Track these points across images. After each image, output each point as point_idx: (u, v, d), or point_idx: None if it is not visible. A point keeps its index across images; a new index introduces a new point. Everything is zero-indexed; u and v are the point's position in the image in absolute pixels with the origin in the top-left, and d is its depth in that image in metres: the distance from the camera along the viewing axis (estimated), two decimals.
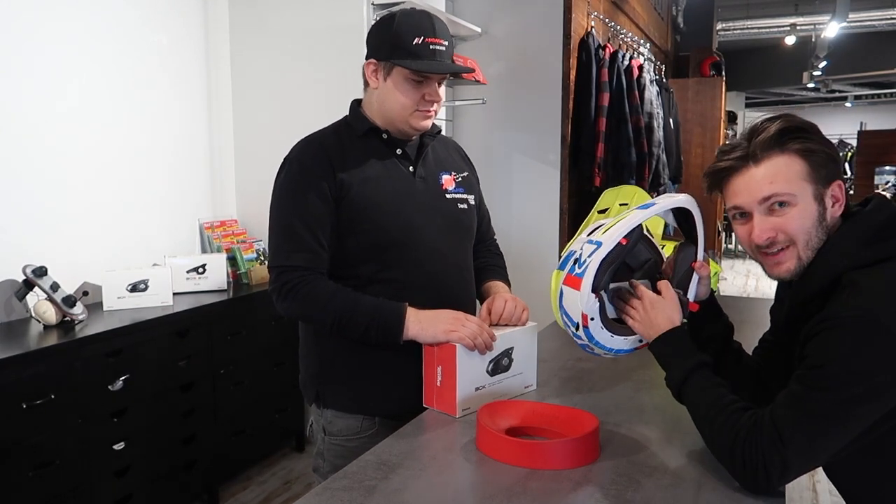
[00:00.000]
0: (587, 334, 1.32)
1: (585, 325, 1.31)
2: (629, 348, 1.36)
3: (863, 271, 1.10)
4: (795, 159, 1.15)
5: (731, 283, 8.29)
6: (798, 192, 1.14)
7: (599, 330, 1.32)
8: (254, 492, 3.04)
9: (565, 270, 1.35)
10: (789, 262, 1.17)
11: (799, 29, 10.75)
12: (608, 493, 1.14)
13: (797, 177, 1.14)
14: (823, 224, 1.16)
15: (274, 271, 1.54)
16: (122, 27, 2.91)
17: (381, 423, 1.60)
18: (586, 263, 1.30)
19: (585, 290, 1.29)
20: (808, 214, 1.15)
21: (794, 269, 1.18)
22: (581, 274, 1.30)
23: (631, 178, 3.95)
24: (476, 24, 3.76)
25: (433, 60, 1.51)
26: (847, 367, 1.04)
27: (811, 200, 1.15)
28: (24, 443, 2.08)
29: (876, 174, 8.86)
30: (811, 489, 3.12)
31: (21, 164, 2.54)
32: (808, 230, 1.15)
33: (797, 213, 1.15)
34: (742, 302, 2.73)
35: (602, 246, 1.30)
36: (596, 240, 1.31)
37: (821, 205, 1.16)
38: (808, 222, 1.15)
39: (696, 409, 1.21)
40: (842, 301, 1.08)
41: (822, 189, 1.16)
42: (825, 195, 1.16)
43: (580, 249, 1.34)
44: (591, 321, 1.31)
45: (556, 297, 1.36)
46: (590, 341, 1.33)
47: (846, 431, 1.06)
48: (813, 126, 1.17)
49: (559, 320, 1.39)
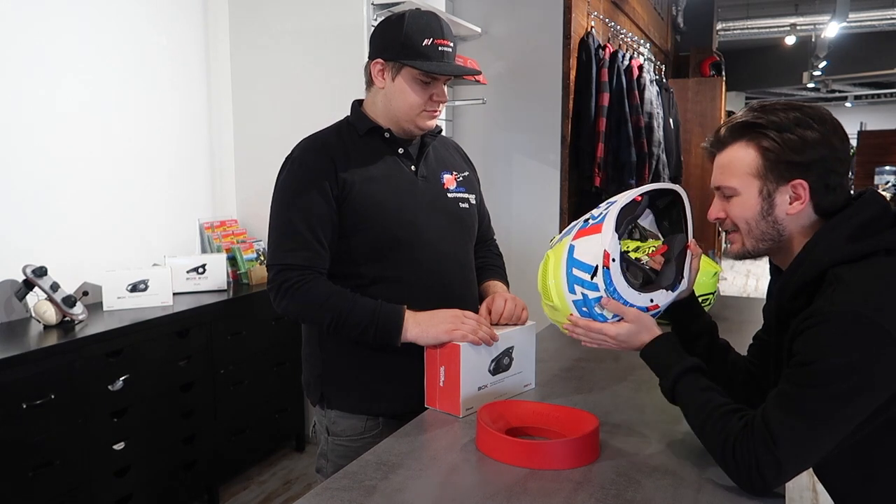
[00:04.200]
0: (606, 278, 1.28)
1: (606, 266, 1.28)
2: (642, 306, 1.32)
3: (848, 266, 1.10)
4: (750, 152, 1.18)
5: (731, 283, 8.29)
6: (741, 186, 1.19)
7: (619, 275, 1.29)
8: (254, 492, 3.04)
9: (572, 231, 1.35)
10: (737, 243, 1.26)
11: (799, 29, 10.76)
12: (608, 493, 1.14)
13: (745, 171, 1.19)
14: (769, 219, 1.19)
15: (273, 269, 1.54)
16: (122, 27, 2.91)
17: (384, 423, 1.60)
18: (603, 214, 1.31)
19: (609, 229, 1.29)
20: (749, 207, 1.20)
21: (739, 251, 1.26)
22: (601, 220, 1.31)
23: (631, 178, 3.96)
24: (476, 24, 3.76)
25: (442, 62, 1.52)
26: (835, 364, 1.04)
27: (755, 195, 1.19)
28: (24, 443, 2.08)
29: (876, 174, 8.86)
30: (811, 489, 3.12)
31: (21, 164, 2.54)
32: (747, 220, 1.21)
33: (738, 203, 1.21)
34: (742, 302, 2.73)
35: (618, 202, 1.33)
36: (607, 202, 1.34)
37: (766, 201, 1.18)
38: (748, 214, 1.20)
39: (689, 412, 1.22)
40: (827, 297, 1.08)
41: (773, 185, 1.17)
42: (776, 192, 1.17)
43: (587, 215, 1.36)
44: (612, 262, 1.28)
45: (559, 261, 1.33)
46: (606, 289, 1.29)
47: (837, 428, 1.06)
48: (782, 124, 1.15)
49: (557, 292, 1.33)
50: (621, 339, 1.32)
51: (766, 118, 1.17)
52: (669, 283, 1.35)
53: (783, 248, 1.22)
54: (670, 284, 1.35)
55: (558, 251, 1.35)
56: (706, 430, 1.16)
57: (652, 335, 1.31)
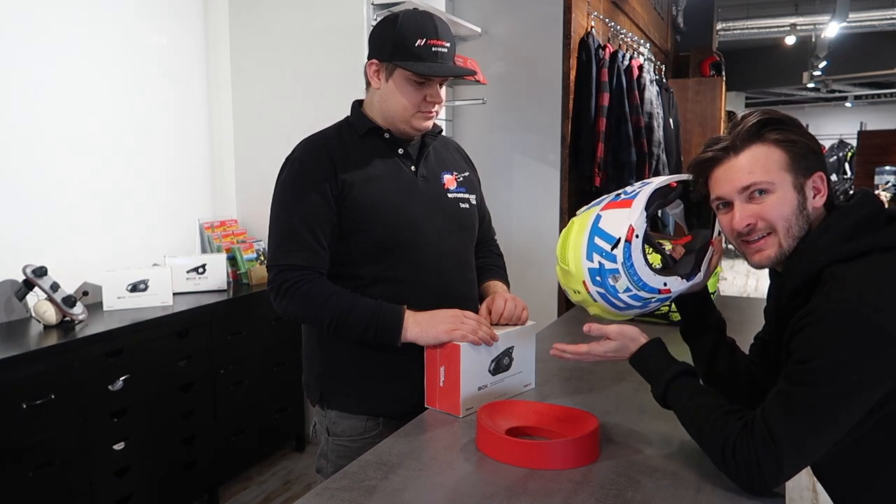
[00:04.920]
0: (626, 252, 1.28)
1: (629, 240, 1.27)
2: (654, 287, 1.31)
3: (845, 265, 1.11)
4: (774, 149, 1.17)
5: (731, 283, 8.29)
6: (777, 180, 1.16)
7: (639, 252, 1.28)
8: (254, 492, 3.04)
9: (603, 202, 1.34)
10: (770, 248, 1.19)
11: (799, 29, 10.76)
12: (608, 493, 1.14)
13: (776, 166, 1.16)
14: (804, 213, 1.17)
15: (273, 270, 1.54)
16: (122, 28, 2.91)
17: (384, 423, 1.60)
18: (636, 191, 1.31)
19: (639, 206, 1.28)
20: (787, 202, 1.16)
21: (774, 257, 1.19)
22: (632, 196, 1.31)
23: (631, 178, 3.95)
24: (476, 24, 3.76)
25: (435, 63, 1.51)
26: (832, 362, 1.04)
27: (790, 189, 1.16)
28: (24, 443, 2.08)
29: (876, 174, 8.86)
30: (811, 489, 3.12)
31: (21, 164, 2.54)
32: (787, 217, 1.16)
33: (776, 200, 1.16)
34: (742, 302, 2.73)
35: (653, 182, 1.33)
36: (643, 182, 1.34)
37: (800, 194, 1.17)
38: (787, 210, 1.16)
39: (684, 416, 1.22)
40: (824, 295, 1.08)
41: (803, 179, 1.17)
42: (805, 185, 1.17)
43: (621, 190, 1.36)
44: (635, 238, 1.27)
45: (584, 228, 1.32)
46: (624, 262, 1.28)
47: (836, 426, 1.07)
48: (793, 119, 1.19)
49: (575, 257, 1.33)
50: (610, 357, 1.34)
51: (778, 116, 1.18)
52: (686, 272, 1.35)
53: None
54: (687, 273, 1.34)
55: (584, 218, 1.35)
56: (704, 432, 1.17)
57: (638, 345, 1.32)
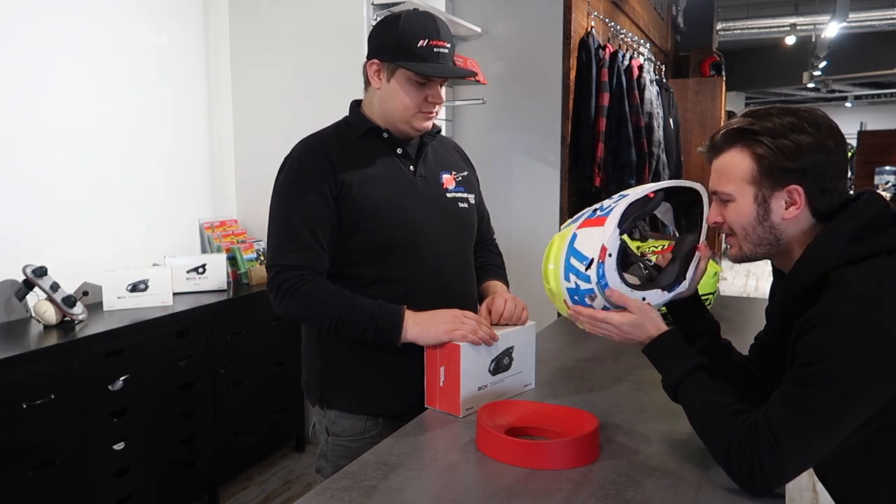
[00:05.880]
0: (599, 272, 1.29)
1: (601, 260, 1.28)
2: None
3: (850, 268, 1.11)
4: (746, 158, 1.18)
5: (731, 283, 8.29)
6: (736, 191, 1.20)
7: (613, 270, 1.30)
8: (254, 492, 3.04)
9: (580, 220, 1.35)
10: (733, 248, 1.27)
11: (799, 29, 10.76)
12: (608, 493, 1.14)
13: (740, 177, 1.19)
14: (765, 224, 1.19)
15: (272, 270, 1.54)
16: (122, 28, 2.91)
17: (384, 423, 1.60)
18: (611, 207, 1.32)
19: (611, 224, 1.29)
20: (744, 214, 1.20)
21: (737, 255, 1.26)
22: (606, 213, 1.32)
23: (631, 178, 3.96)
24: (476, 24, 3.76)
25: (437, 63, 1.51)
26: (837, 364, 1.04)
27: (750, 201, 1.19)
28: (23, 443, 2.08)
29: (876, 174, 8.86)
30: (811, 489, 3.12)
31: (21, 164, 2.54)
32: (743, 226, 1.21)
33: (734, 208, 1.21)
34: (742, 302, 2.73)
35: (629, 196, 1.33)
36: (620, 194, 1.35)
37: (762, 206, 1.18)
38: (743, 220, 1.20)
39: (692, 411, 1.22)
40: (830, 298, 1.08)
41: (768, 192, 1.17)
42: (771, 198, 1.17)
43: (598, 204, 1.36)
44: (608, 257, 1.29)
45: (561, 248, 1.34)
46: (598, 282, 1.29)
47: (840, 428, 1.07)
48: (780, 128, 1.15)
49: (555, 277, 1.35)
50: (625, 330, 1.31)
51: (761, 124, 1.16)
52: (668, 283, 1.35)
53: (783, 251, 1.22)
54: (668, 285, 1.35)
55: (563, 237, 1.36)
56: (709, 429, 1.16)
57: (658, 330, 1.30)
